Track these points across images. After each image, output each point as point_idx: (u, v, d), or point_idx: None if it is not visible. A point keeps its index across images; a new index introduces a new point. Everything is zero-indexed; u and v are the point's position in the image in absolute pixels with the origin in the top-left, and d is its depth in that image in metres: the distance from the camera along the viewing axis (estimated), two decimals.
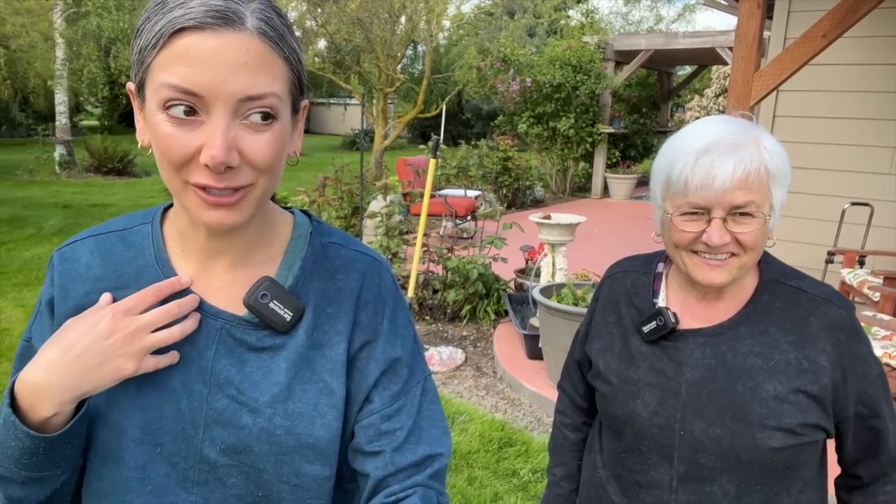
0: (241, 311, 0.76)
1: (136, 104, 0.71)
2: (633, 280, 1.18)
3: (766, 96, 2.84)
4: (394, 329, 0.82)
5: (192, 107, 0.64)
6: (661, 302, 1.13)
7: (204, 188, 0.66)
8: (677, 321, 1.08)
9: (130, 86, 0.70)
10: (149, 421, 0.73)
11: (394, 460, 0.77)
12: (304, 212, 0.87)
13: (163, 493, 0.74)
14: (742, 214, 0.97)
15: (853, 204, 4.54)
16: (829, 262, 4.41)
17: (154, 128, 0.65)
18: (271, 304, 0.75)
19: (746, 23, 2.78)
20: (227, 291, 0.78)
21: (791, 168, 1.01)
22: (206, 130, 0.64)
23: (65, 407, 0.69)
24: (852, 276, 4.12)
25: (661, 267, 1.17)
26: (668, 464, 1.06)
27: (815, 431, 1.01)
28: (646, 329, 1.10)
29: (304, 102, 0.76)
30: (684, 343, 1.08)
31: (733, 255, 0.99)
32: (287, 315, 0.75)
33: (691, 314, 1.10)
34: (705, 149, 0.97)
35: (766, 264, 1.09)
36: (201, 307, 0.76)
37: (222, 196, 0.67)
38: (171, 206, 0.82)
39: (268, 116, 0.67)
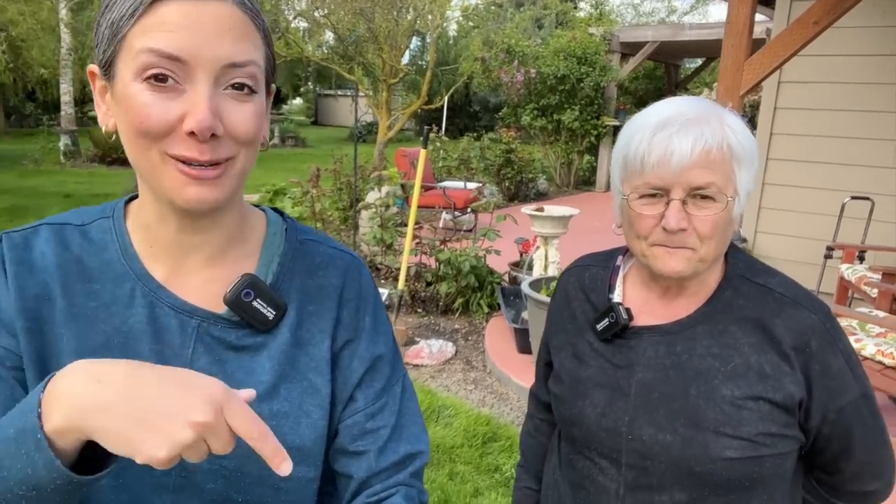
0: (220, 309, 0.73)
1: (98, 86, 0.67)
2: (591, 275, 1.11)
3: (756, 85, 2.76)
4: (375, 327, 0.82)
5: (172, 75, 0.61)
6: (616, 297, 1.05)
7: (185, 161, 0.63)
8: (630, 317, 1.01)
9: (93, 67, 0.66)
10: None
11: (378, 460, 0.78)
12: (275, 209, 0.85)
13: (138, 500, 0.70)
14: (703, 197, 0.90)
15: (853, 198, 4.45)
16: (828, 257, 4.32)
17: (128, 100, 0.62)
18: (255, 303, 0.72)
19: (737, 10, 2.70)
20: (204, 289, 0.74)
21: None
22: (189, 98, 0.62)
23: (69, 433, 0.54)
24: (851, 271, 4.03)
25: (619, 261, 1.10)
26: (616, 470, 0.99)
27: (778, 441, 0.91)
28: (599, 327, 1.03)
29: (273, 87, 0.73)
30: (638, 341, 1.00)
31: (692, 249, 0.92)
32: (270, 314, 0.73)
33: (651, 312, 1.02)
34: (663, 123, 0.89)
35: (734, 259, 1.01)
36: (175, 303, 0.72)
37: (203, 169, 0.64)
38: (131, 199, 0.77)
39: (248, 88, 0.65)
